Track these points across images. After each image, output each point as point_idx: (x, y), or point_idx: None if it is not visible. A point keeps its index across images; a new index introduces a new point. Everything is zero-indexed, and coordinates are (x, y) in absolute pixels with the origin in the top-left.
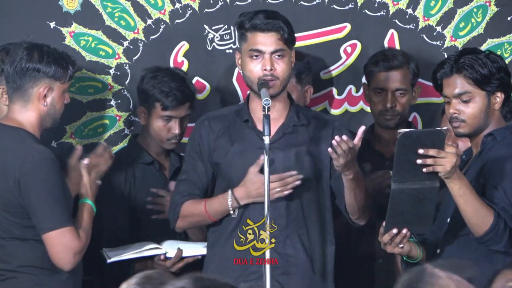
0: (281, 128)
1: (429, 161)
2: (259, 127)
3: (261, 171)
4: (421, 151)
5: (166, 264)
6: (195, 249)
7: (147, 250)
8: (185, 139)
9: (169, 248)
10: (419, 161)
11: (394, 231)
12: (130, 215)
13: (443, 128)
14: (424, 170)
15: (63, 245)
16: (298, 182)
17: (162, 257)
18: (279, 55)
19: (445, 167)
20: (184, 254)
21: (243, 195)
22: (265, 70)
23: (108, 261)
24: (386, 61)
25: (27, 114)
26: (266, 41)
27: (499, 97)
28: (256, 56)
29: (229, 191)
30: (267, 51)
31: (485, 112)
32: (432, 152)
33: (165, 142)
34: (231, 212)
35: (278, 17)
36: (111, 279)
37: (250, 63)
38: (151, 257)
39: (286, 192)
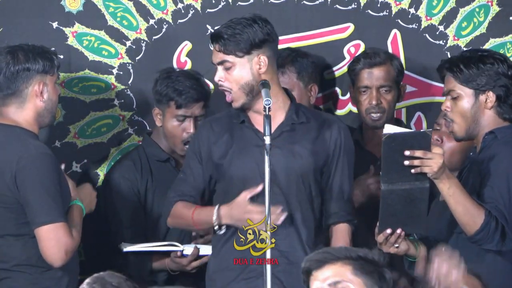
0: (280, 126)
1: (416, 162)
2: (257, 125)
3: (252, 199)
4: (407, 153)
5: (182, 262)
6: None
7: (164, 245)
8: None
9: (187, 246)
10: (406, 162)
11: (388, 231)
12: (148, 211)
13: (428, 129)
14: (413, 171)
15: (55, 240)
16: (282, 218)
17: (178, 253)
18: (225, 68)
19: (432, 168)
20: (201, 253)
21: (225, 213)
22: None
23: (124, 250)
24: (368, 58)
25: (24, 113)
26: (215, 55)
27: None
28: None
29: (216, 206)
30: (216, 63)
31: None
32: (418, 153)
33: (178, 145)
34: (216, 227)
35: (228, 27)
36: (128, 276)
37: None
38: (168, 254)
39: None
